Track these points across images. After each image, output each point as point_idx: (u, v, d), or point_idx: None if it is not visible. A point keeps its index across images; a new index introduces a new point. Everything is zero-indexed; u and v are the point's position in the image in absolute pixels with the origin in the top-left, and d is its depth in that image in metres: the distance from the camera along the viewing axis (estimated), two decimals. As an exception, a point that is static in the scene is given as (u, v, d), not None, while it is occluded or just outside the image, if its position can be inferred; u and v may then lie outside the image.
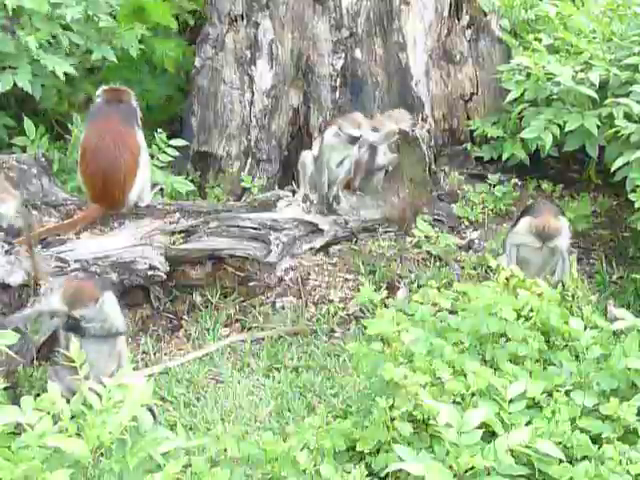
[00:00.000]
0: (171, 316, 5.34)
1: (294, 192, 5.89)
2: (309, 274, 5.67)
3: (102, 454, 3.10)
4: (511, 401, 3.53)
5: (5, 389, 3.83)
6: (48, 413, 3.08)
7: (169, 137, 6.41)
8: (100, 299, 4.18)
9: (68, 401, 3.22)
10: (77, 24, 6.22)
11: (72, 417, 3.11)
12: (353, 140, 5.50)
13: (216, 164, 6.97)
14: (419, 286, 5.44)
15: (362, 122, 5.57)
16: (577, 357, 3.93)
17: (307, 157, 5.55)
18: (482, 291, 4.15)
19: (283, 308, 5.42)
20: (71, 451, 2.90)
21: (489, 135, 6.76)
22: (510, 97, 6.40)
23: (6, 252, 4.57)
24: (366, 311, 5.31)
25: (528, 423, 3.50)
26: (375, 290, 4.50)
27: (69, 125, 6.37)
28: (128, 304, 5.11)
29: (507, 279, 4.18)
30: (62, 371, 4.05)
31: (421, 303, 4.18)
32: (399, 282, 5.64)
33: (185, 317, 5.33)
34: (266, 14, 6.68)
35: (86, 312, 4.13)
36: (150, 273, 5.10)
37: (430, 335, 3.95)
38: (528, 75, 6.35)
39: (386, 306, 4.92)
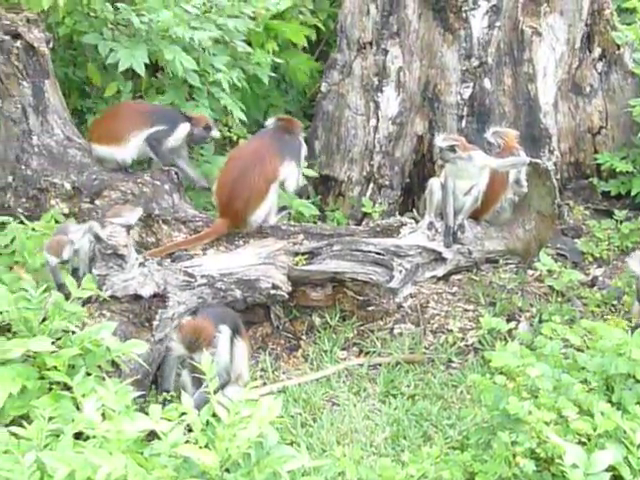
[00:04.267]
0: (290, 336, 5.40)
1: (415, 219, 5.88)
2: (428, 302, 5.66)
3: (227, 469, 3.15)
4: (640, 446, 3.44)
5: (140, 397, 3.97)
6: (179, 423, 3.17)
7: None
8: (217, 337, 4.27)
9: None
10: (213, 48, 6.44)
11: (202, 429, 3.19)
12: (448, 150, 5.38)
13: (337, 188, 7.05)
14: (540, 321, 5.37)
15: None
16: None
17: (434, 184, 5.48)
18: (611, 330, 4.06)
19: (401, 335, 5.40)
20: (201, 462, 2.97)
21: (617, 170, 6.62)
22: (642, 132, 6.27)
23: (140, 264, 4.72)
24: (485, 343, 5.25)
25: (657, 470, 3.40)
26: (495, 323, 4.46)
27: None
28: (249, 321, 5.23)
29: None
30: (194, 380, 4.18)
31: (550, 338, 4.11)
32: (519, 316, 5.57)
33: (304, 337, 5.39)
34: (395, 42, 6.74)
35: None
36: (272, 292, 5.16)
37: (556, 371, 3.88)
38: (661, 110, 6.22)
39: (507, 339, 4.87)
